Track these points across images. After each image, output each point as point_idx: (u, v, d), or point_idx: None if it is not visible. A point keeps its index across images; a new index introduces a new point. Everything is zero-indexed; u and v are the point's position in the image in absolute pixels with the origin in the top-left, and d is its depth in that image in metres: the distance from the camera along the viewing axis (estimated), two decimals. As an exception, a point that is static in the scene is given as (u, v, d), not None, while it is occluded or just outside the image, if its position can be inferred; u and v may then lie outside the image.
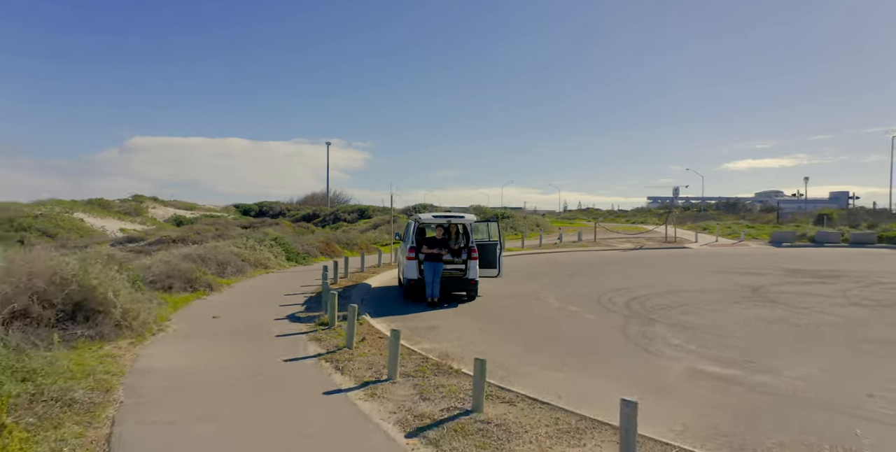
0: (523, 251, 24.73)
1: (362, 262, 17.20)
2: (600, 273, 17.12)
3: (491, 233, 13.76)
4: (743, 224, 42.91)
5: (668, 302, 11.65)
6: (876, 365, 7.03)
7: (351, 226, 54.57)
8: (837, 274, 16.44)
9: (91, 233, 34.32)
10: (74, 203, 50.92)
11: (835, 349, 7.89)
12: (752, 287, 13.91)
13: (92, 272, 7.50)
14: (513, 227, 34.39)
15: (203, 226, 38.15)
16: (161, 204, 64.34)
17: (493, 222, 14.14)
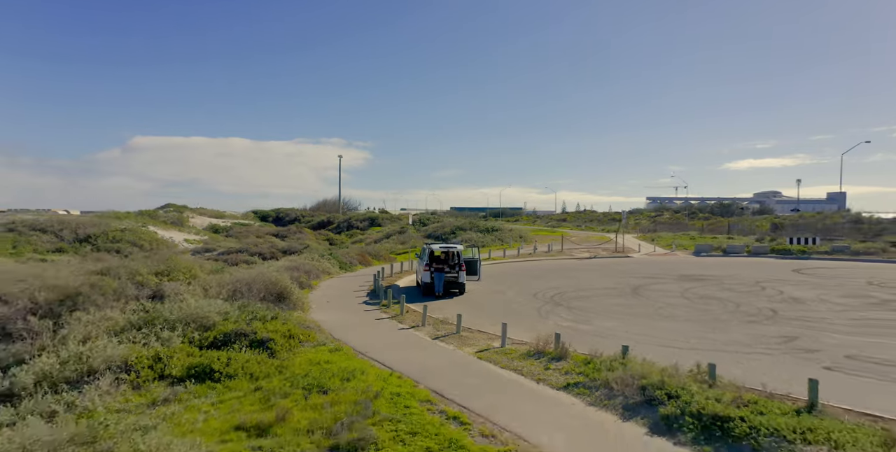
0: (505, 260, 33.15)
1: (391, 270, 25.67)
2: (551, 277, 25.53)
3: (474, 254, 22.22)
4: (689, 235, 50.98)
5: (575, 296, 20.06)
6: (650, 325, 15.42)
7: (364, 235, 63.00)
8: (703, 278, 24.84)
9: (164, 244, 42.68)
10: (128, 214, 59.38)
11: (639, 319, 16.25)
12: (636, 286, 22.33)
13: (282, 278, 15.99)
14: (500, 239, 42.80)
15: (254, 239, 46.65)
16: (196, 213, 72.87)
17: (475, 247, 22.66)
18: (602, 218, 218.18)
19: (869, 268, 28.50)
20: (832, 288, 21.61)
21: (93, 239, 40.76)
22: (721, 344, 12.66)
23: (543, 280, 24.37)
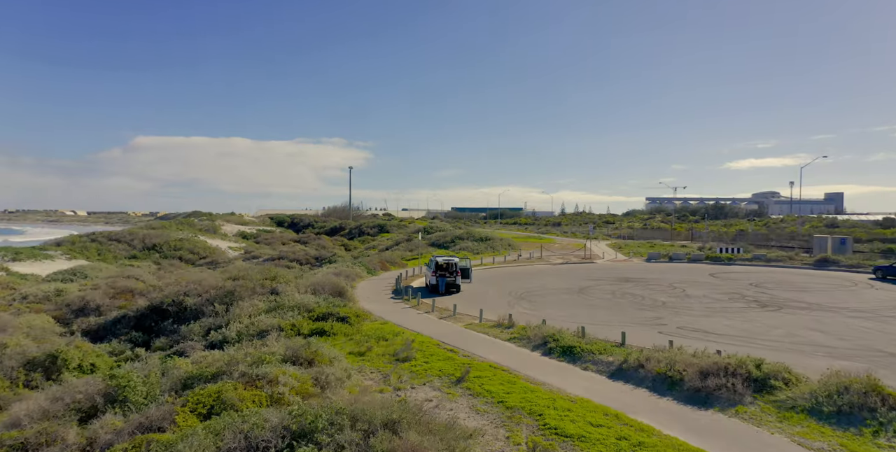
0: (494, 265, 41.81)
1: (406, 274, 34.39)
2: (525, 279, 34.19)
3: (467, 263, 30.95)
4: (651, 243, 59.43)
5: (538, 293, 28.72)
6: (579, 311, 24.08)
7: (375, 241, 71.59)
8: (637, 280, 33.48)
9: (215, 252, 51.36)
10: (170, 223, 68.14)
11: (574, 307, 24.90)
12: (584, 287, 31.00)
13: (339, 281, 24.74)
14: (492, 247, 51.45)
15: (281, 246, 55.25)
16: (223, 220, 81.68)
17: (468, 259, 31.42)
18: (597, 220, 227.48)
19: (767, 273, 37.18)
20: (720, 287, 30.32)
21: (158, 248, 49.59)
22: (614, 321, 21.35)
23: (518, 281, 33.10)
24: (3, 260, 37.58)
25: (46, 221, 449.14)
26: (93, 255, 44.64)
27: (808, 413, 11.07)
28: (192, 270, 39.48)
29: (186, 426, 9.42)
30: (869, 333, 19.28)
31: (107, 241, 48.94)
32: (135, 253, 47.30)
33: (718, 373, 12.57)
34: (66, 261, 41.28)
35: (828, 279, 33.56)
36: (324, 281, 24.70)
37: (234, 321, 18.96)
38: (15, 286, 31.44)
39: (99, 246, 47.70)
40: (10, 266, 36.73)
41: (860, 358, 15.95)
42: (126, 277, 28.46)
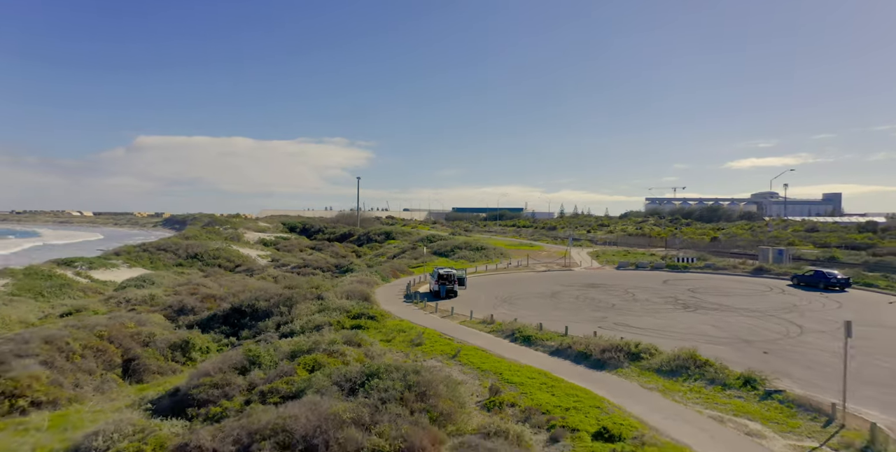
0: (486, 273, 49.70)
1: (413, 281, 42.29)
2: (509, 285, 42.04)
3: (464, 274, 38.89)
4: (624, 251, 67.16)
5: (518, 297, 36.63)
6: (547, 311, 31.97)
7: (382, 248, 79.33)
8: (601, 286, 41.32)
9: (247, 260, 59.29)
10: (199, 232, 76.11)
11: (545, 309, 32.80)
12: (556, 291, 38.89)
13: (364, 288, 32.71)
14: (486, 256, 59.35)
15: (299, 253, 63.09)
16: (244, 228, 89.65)
17: (464, 270, 39.44)
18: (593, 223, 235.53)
19: (708, 280, 45.05)
20: (662, 292, 38.18)
21: (200, 256, 57.62)
22: (569, 319, 29.21)
23: (504, 287, 41.03)
24: (84, 270, 45.56)
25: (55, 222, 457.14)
26: (146, 264, 52.53)
27: (654, 372, 19.01)
28: (233, 276, 47.52)
29: (303, 374, 17.40)
30: (745, 327, 27.17)
31: (156, 251, 56.87)
32: (180, 262, 55.20)
33: (612, 350, 20.50)
34: (127, 269, 49.22)
35: (754, 285, 41.46)
36: (353, 289, 32.66)
37: (296, 319, 26.91)
38: (102, 291, 39.46)
39: (150, 255, 55.63)
40: (92, 274, 44.75)
41: (725, 343, 23.81)
42: (196, 285, 36.42)
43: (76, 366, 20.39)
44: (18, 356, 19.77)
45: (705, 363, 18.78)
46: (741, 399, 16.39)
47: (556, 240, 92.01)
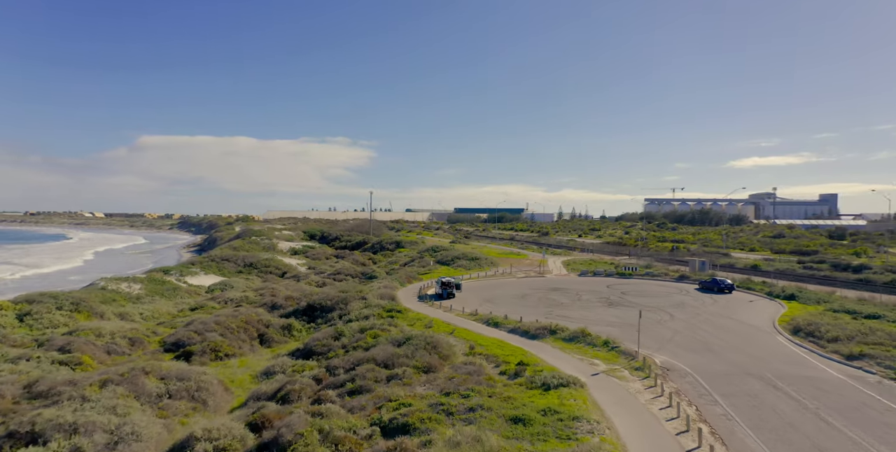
0: (478, 279, 64.95)
1: (423, 286, 57.63)
2: (493, 289, 57.32)
3: (460, 281, 54.31)
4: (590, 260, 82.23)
5: (498, 297, 51.96)
6: (516, 308, 47.30)
7: (394, 256, 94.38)
8: (560, 290, 56.55)
9: (291, 268, 74.51)
10: (243, 243, 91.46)
11: (515, 306, 48.10)
12: (525, 294, 54.20)
13: (390, 291, 48.19)
14: (479, 265, 74.64)
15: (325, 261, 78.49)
16: (276, 238, 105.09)
17: (460, 278, 54.98)
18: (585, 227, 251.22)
19: (641, 284, 60.14)
20: (601, 294, 53.39)
21: (254, 265, 73.04)
22: (529, 312, 44.51)
23: (489, 291, 56.34)
24: (181, 276, 60.88)
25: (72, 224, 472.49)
26: (216, 271, 67.74)
27: (561, 340, 34.36)
28: (287, 282, 62.92)
29: (370, 339, 32.89)
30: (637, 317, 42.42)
31: (220, 261, 72.14)
32: (240, 269, 70.41)
33: (541, 329, 35.88)
34: (205, 276, 64.51)
35: (670, 289, 56.70)
36: (383, 292, 48.08)
37: (351, 311, 42.25)
38: (198, 292, 54.92)
39: (217, 264, 70.85)
40: (186, 279, 60.15)
41: (617, 326, 39.05)
42: (272, 288, 51.83)
43: (236, 337, 35.74)
44: (207, 331, 35.26)
45: (589, 335, 34.19)
46: (598, 351, 31.79)
47: (541, 248, 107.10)
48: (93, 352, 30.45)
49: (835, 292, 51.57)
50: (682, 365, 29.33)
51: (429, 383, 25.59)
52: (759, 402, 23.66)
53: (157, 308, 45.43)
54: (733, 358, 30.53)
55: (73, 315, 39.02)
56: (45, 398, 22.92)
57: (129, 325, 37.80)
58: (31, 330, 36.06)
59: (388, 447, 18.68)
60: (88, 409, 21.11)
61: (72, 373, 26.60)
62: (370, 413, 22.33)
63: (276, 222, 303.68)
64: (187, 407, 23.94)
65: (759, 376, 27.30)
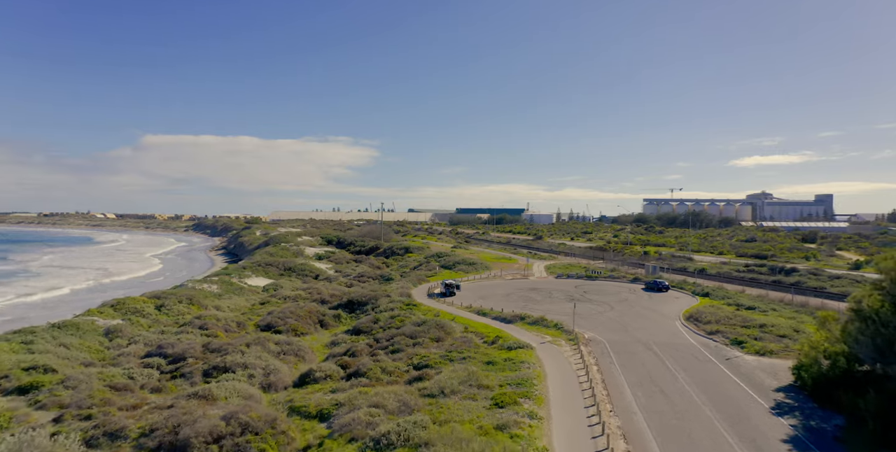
0: (474, 280, 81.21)
1: (429, 287, 73.98)
2: (486, 289, 73.61)
3: (459, 282, 70.76)
4: (566, 263, 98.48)
5: (489, 295, 68.30)
6: (502, 303, 63.67)
7: (404, 260, 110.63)
8: (537, 290, 72.78)
9: (322, 272, 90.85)
10: (276, 249, 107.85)
11: (501, 301, 64.45)
12: (509, 292, 70.55)
13: (407, 291, 64.73)
14: (476, 269, 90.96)
15: (346, 265, 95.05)
16: (301, 244, 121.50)
17: (459, 281, 71.51)
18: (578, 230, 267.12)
19: (602, 285, 76.27)
20: (568, 292, 69.62)
21: (293, 269, 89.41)
22: (510, 306, 60.86)
23: (482, 290, 72.66)
24: (241, 278, 77.20)
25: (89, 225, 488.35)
26: (263, 274, 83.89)
27: (527, 323, 50.73)
28: (324, 283, 79.35)
29: (398, 322, 49.41)
30: (587, 308, 58.77)
31: (265, 266, 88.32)
32: (282, 273, 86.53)
33: (514, 317, 52.29)
34: (256, 278, 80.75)
35: (623, 288, 72.87)
36: (401, 291, 64.50)
37: (380, 305, 58.59)
38: (257, 292, 71.38)
39: (263, 268, 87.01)
40: (245, 281, 76.55)
41: (566, 315, 55.34)
42: (317, 289, 68.29)
43: (304, 321, 52.09)
44: (286, 317, 51.75)
45: (546, 320, 50.60)
46: (550, 330, 48.14)
47: (530, 252, 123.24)
48: (219, 330, 46.84)
49: (744, 291, 67.79)
50: (600, 338, 45.65)
51: (438, 347, 41.97)
52: (634, 356, 39.99)
53: (235, 302, 61.89)
54: (636, 334, 46.85)
55: (189, 307, 55.37)
56: (218, 352, 39.33)
57: (230, 314, 54.23)
58: (168, 317, 52.36)
59: (417, 374, 35.09)
60: (247, 357, 37.57)
61: (220, 340, 43.04)
62: (405, 361, 38.73)
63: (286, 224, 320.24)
64: (295, 360, 40.38)
65: (644, 343, 43.63)
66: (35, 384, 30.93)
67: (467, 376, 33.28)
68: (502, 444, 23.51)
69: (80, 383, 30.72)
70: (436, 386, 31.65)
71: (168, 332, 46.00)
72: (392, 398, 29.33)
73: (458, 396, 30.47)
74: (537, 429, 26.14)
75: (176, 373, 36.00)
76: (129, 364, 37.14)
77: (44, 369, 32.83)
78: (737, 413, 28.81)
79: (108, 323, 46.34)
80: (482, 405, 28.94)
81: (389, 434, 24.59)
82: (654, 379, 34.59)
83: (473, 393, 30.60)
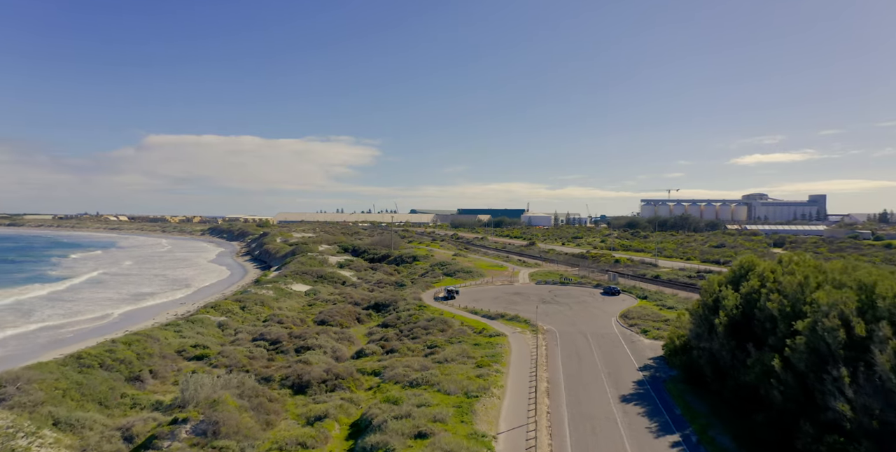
0: (470, 286, 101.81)
1: (436, 292, 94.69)
2: (478, 293, 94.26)
3: (458, 288, 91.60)
4: (550, 272, 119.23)
5: (481, 298, 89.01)
6: (490, 304, 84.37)
7: (412, 267, 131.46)
8: (520, 293, 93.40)
9: (350, 280, 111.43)
10: (304, 258, 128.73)
11: (490, 303, 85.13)
12: (496, 296, 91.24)
13: (418, 295, 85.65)
14: (472, 276, 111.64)
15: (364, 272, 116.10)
16: (324, 254, 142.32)
17: (458, 287, 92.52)
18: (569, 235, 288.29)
19: (570, 290, 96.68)
20: (542, 296, 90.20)
21: (324, 277, 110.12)
22: (496, 306, 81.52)
23: (475, 294, 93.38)
24: (286, 285, 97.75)
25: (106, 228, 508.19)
26: (301, 281, 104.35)
27: (506, 320, 71.50)
28: (351, 288, 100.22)
29: (416, 317, 70.35)
30: (550, 309, 79.32)
31: (301, 274, 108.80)
32: (315, 279, 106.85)
33: (496, 315, 73.04)
34: (296, 285, 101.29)
35: (585, 293, 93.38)
36: (414, 296, 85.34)
37: (399, 306, 79.25)
38: (300, 295, 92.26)
39: (300, 276, 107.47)
40: (290, 287, 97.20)
41: (527, 313, 76.06)
42: (349, 294, 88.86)
43: (347, 318, 72.75)
44: (334, 315, 72.71)
45: (519, 317, 71.37)
46: (521, 324, 68.88)
47: (520, 260, 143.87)
48: (292, 324, 67.54)
49: (676, 294, 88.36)
50: (555, 329, 66.24)
51: (443, 335, 62.60)
52: (573, 340, 60.63)
53: (290, 304, 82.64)
54: (580, 327, 67.44)
55: (262, 307, 76.02)
56: (299, 338, 60.02)
57: (292, 313, 74.97)
58: (250, 314, 73.00)
59: (430, 351, 55.82)
60: (319, 340, 58.34)
61: (297, 330, 63.73)
62: (421, 343, 59.42)
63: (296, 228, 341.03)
64: (348, 343, 61.16)
65: (583, 333, 64.24)
66: (203, 354, 51.70)
67: (461, 351, 53.99)
68: (478, 383, 44.15)
69: (231, 353, 51.50)
70: (441, 357, 52.33)
71: (258, 325, 66.81)
72: (416, 362, 50.00)
73: (455, 362, 51.08)
74: (500, 377, 46.79)
75: (277, 350, 56.77)
76: (244, 345, 57.92)
77: (203, 346, 53.65)
78: (616, 369, 49.48)
79: (217, 319, 67.14)
80: (469, 366, 49.57)
81: (417, 379, 45.21)
82: (579, 353, 55.27)
83: (465, 361, 51.24)
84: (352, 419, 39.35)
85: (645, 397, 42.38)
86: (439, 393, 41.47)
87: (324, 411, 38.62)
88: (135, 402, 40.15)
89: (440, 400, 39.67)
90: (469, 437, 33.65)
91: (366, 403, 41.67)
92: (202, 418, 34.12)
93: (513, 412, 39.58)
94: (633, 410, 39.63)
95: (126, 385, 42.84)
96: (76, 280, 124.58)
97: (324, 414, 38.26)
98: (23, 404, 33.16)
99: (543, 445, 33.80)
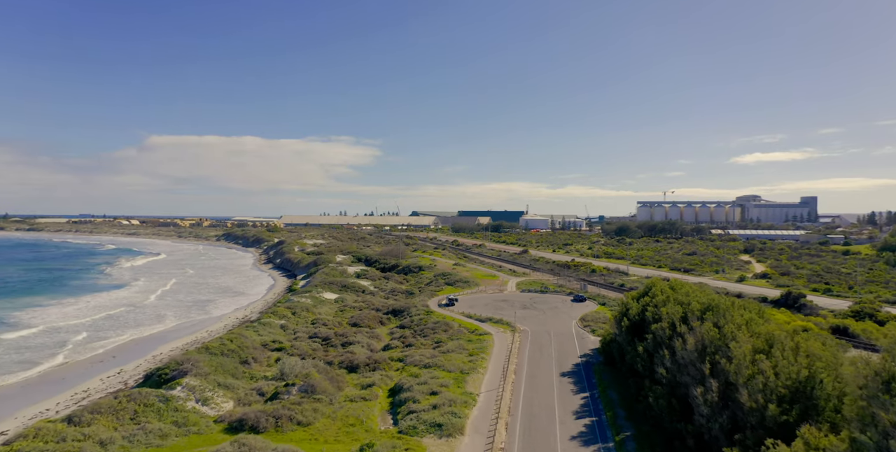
0: (466, 294, 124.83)
1: (439, 300, 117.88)
2: (473, 301, 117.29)
3: (457, 297, 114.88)
4: (534, 281, 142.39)
5: (475, 304, 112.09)
6: (484, 309, 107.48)
7: (418, 276, 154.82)
8: (507, 300, 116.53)
9: (367, 288, 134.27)
10: (327, 269, 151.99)
11: (484, 309, 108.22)
12: (487, 303, 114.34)
13: (425, 302, 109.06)
14: (468, 285, 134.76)
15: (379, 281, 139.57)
16: (342, 264, 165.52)
17: (457, 295, 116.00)
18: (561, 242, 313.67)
19: (547, 297, 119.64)
20: (524, 302, 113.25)
21: (347, 287, 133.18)
22: (487, 311, 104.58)
23: (471, 301, 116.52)
24: (318, 293, 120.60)
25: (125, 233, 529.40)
26: (328, 290, 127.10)
27: (493, 322, 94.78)
28: (372, 296, 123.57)
29: (426, 320, 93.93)
30: (531, 314, 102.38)
31: (328, 284, 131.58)
32: (340, 289, 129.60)
33: (487, 318, 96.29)
34: (326, 293, 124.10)
35: (559, 300, 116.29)
36: (422, 303, 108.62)
37: (412, 312, 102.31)
38: (332, 302, 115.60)
39: (328, 286, 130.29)
40: (321, 295, 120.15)
41: (517, 317, 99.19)
42: (370, 301, 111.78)
43: (373, 322, 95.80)
44: (362, 318, 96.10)
45: (503, 320, 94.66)
46: (503, 325, 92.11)
47: (512, 270, 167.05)
48: (334, 326, 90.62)
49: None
50: (528, 329, 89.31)
51: (446, 334, 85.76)
52: (539, 337, 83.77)
53: (325, 310, 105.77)
54: (547, 327, 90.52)
55: (308, 313, 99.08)
56: (342, 336, 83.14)
57: (329, 317, 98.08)
58: (299, 318, 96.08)
59: (437, 345, 79.14)
60: (357, 337, 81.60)
61: (339, 330, 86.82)
62: (430, 339, 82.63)
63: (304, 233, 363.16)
64: (376, 340, 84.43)
65: (548, 332, 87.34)
66: (281, 347, 74.93)
67: (459, 345, 77.21)
68: (469, 365, 67.26)
69: (299, 346, 74.69)
70: (445, 349, 75.41)
71: (309, 327, 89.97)
72: (427, 353, 73.11)
73: (454, 352, 74.14)
74: (484, 362, 69.88)
75: (328, 345, 79.85)
76: (304, 341, 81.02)
77: (278, 341, 76.85)
78: (564, 357, 72.56)
79: (279, 322, 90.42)
80: (464, 355, 72.59)
81: (429, 363, 68.30)
82: (541, 346, 78.38)
83: (461, 351, 74.29)
84: (388, 386, 62.49)
85: (576, 373, 65.56)
86: (444, 371, 64.63)
87: (371, 381, 61.86)
88: (251, 376, 63.37)
89: (444, 375, 62.84)
90: (463, 394, 56.83)
91: (397, 377, 64.90)
92: (302, 383, 57.34)
93: (491, 382, 62.76)
94: (566, 380, 62.82)
95: (240, 365, 66.00)
96: (158, 291, 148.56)
97: (371, 383, 61.46)
98: (200, 374, 56.37)
99: (506, 398, 56.95)
